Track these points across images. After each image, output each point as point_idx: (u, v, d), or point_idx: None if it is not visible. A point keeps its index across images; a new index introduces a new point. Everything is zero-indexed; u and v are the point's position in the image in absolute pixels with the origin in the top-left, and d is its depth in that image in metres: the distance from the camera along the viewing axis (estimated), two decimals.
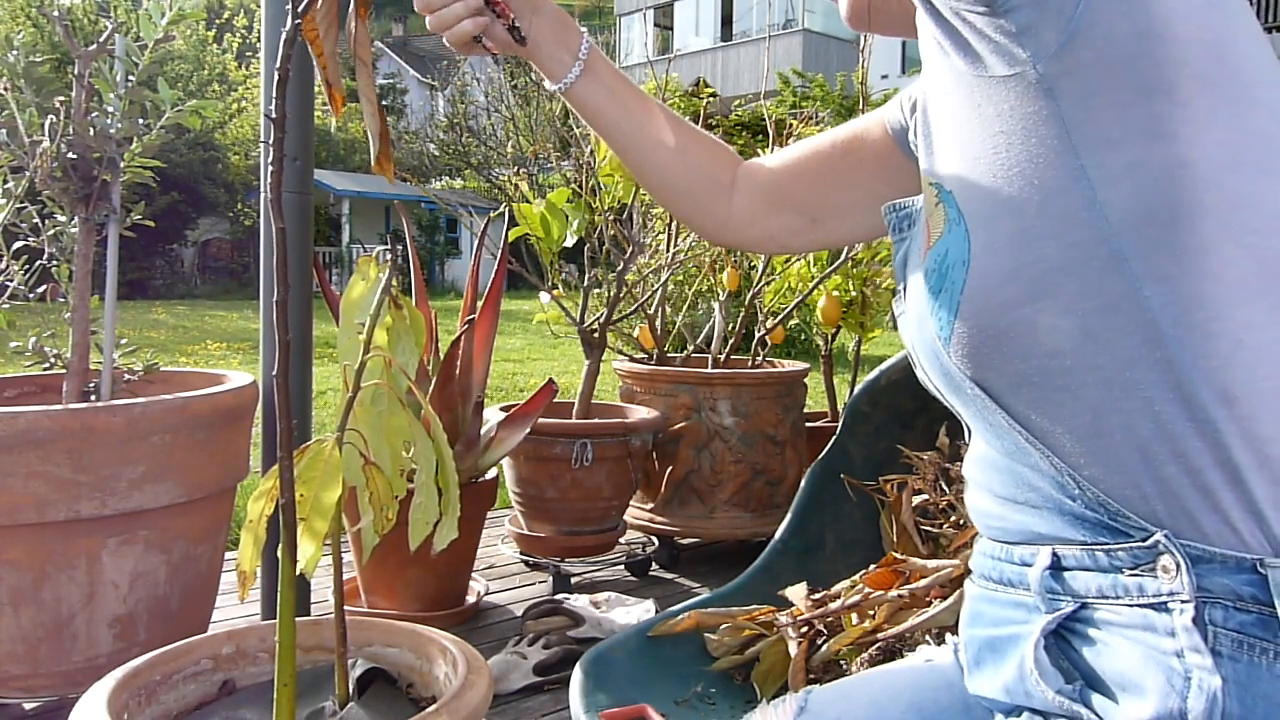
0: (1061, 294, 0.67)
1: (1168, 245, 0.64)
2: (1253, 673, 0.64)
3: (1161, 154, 0.64)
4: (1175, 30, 0.65)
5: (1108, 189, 0.65)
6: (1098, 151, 0.65)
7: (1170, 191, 0.64)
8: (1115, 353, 0.66)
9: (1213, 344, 0.64)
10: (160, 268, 17.64)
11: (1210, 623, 0.65)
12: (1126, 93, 0.65)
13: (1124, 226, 0.65)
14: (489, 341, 2.26)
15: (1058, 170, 0.66)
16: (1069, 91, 0.66)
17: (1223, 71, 0.66)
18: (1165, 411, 0.65)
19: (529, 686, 1.83)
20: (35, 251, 1.77)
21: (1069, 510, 0.70)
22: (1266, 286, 0.65)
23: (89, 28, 13.64)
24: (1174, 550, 0.65)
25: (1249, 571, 0.64)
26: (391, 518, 0.92)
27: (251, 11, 19.03)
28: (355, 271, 0.93)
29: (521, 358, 8.42)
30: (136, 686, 0.97)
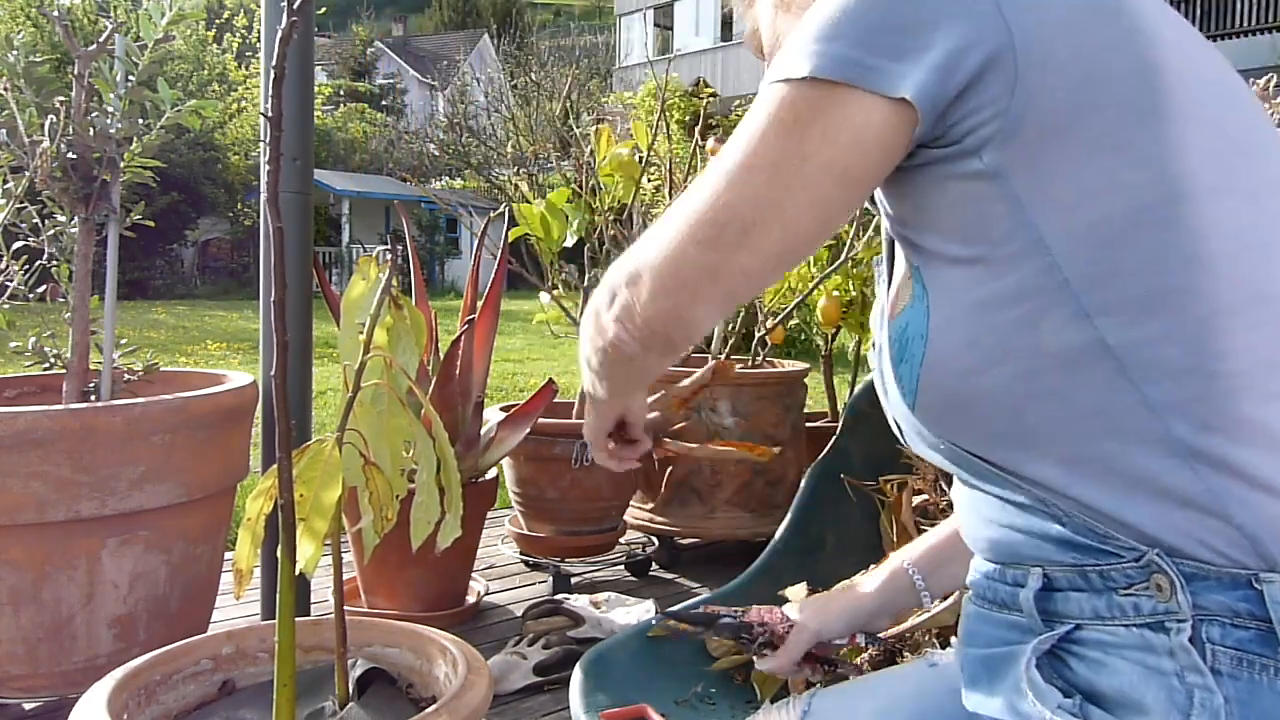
0: (1021, 357, 0.68)
1: (1133, 294, 0.65)
2: (1254, 690, 0.63)
3: (1114, 209, 0.66)
4: (1109, 67, 0.67)
5: (1067, 254, 0.66)
6: (1055, 218, 0.66)
7: (1135, 241, 0.65)
8: (1083, 403, 0.67)
9: (1186, 379, 0.65)
10: (160, 268, 17.63)
11: (1208, 641, 0.64)
12: (1077, 152, 0.66)
13: (1088, 287, 0.66)
14: (489, 341, 2.26)
15: (1014, 245, 0.67)
16: (1019, 170, 0.67)
17: (1159, 99, 0.67)
18: (1143, 448, 0.66)
19: (529, 686, 1.83)
20: (35, 251, 1.77)
21: (1057, 534, 0.70)
22: (1238, 316, 0.66)
23: (89, 28, 13.64)
24: (1167, 569, 0.65)
25: (1244, 587, 0.64)
26: (391, 517, 0.91)
27: (251, 11, 19.02)
28: (355, 271, 0.93)
29: (521, 358, 8.42)
30: (136, 686, 0.97)
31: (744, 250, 0.70)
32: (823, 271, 2.84)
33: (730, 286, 0.72)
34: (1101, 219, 0.66)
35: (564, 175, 3.29)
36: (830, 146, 0.67)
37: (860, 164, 0.68)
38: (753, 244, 0.69)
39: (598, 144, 2.64)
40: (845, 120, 0.67)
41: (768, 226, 0.69)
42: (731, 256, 0.70)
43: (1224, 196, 0.68)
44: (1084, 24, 0.68)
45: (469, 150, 18.86)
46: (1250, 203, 0.69)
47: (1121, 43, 0.68)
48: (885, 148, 0.68)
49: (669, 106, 4.83)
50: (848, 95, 0.66)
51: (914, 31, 0.66)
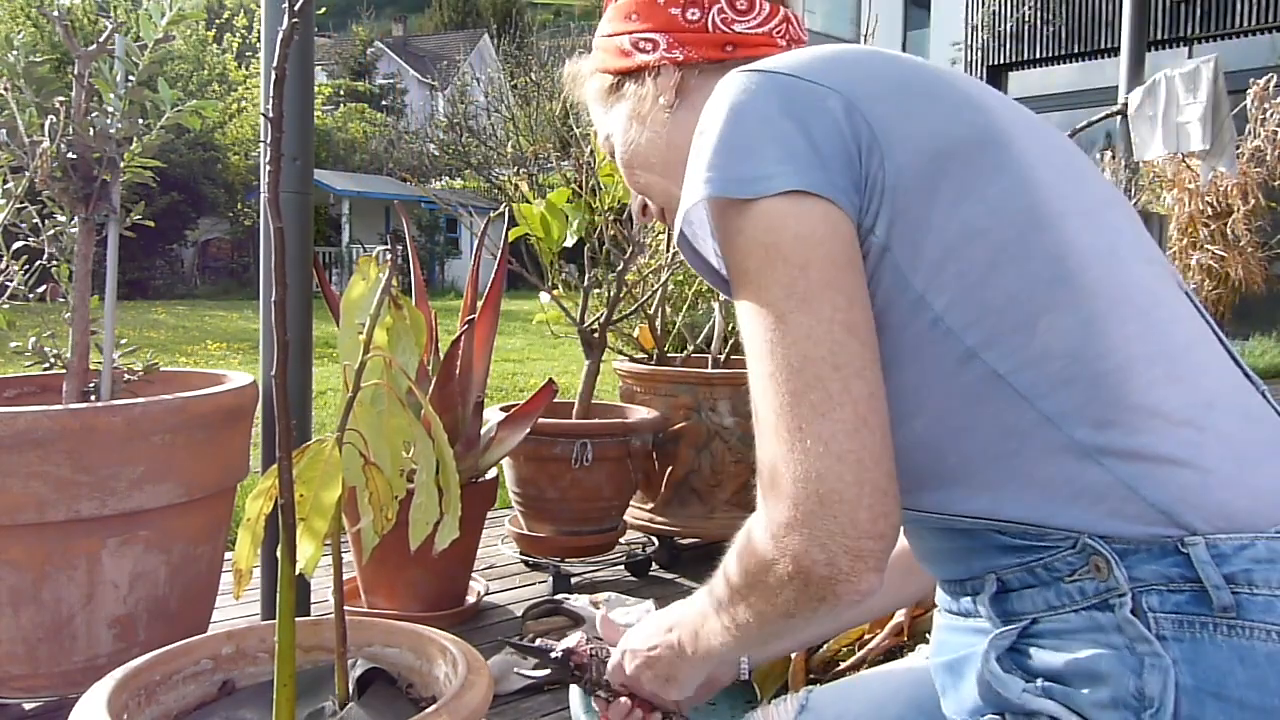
0: (928, 407, 0.74)
1: (1008, 323, 0.73)
2: (1197, 648, 0.67)
3: (978, 254, 0.74)
4: (952, 136, 0.77)
5: (945, 304, 0.73)
6: (930, 277, 0.74)
7: (999, 279, 0.73)
8: (992, 431, 0.73)
9: (1074, 387, 0.72)
10: (160, 268, 17.62)
11: (1149, 609, 0.69)
12: (938, 213, 0.75)
13: (968, 328, 0.73)
14: (489, 341, 2.26)
15: (901, 307, 0.74)
16: (899, 238, 0.74)
17: (999, 153, 0.77)
18: (1053, 457, 0.72)
19: (529, 686, 1.83)
20: (35, 251, 1.77)
21: (999, 543, 0.75)
22: (1106, 319, 0.73)
23: (89, 28, 13.63)
24: (1101, 549, 0.70)
25: (1172, 554, 0.69)
26: (391, 518, 0.91)
27: (251, 11, 19.02)
28: (355, 271, 0.93)
29: (521, 358, 8.42)
30: (136, 686, 0.97)
31: (852, 379, 0.71)
32: None
33: (877, 423, 0.70)
34: (967, 267, 0.74)
35: (564, 175, 3.29)
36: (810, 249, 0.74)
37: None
38: (844, 382, 0.70)
39: (598, 144, 2.63)
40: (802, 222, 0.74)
41: (844, 356, 0.71)
42: (854, 396, 0.70)
43: (1069, 219, 0.76)
44: (920, 108, 0.78)
45: (469, 150, 18.84)
46: (1091, 219, 0.78)
47: (955, 115, 0.78)
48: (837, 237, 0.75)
49: None
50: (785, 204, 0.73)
51: (800, 139, 0.75)
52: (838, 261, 0.72)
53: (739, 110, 0.77)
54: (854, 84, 0.78)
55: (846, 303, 0.72)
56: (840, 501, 0.67)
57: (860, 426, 0.69)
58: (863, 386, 0.70)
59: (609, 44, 1.01)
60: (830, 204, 0.73)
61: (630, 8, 1.00)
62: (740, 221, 0.74)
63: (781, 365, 0.71)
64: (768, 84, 0.78)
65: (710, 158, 0.76)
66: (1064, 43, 12.00)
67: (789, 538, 0.69)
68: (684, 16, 0.96)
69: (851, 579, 0.68)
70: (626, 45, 0.99)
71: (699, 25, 0.96)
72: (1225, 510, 0.70)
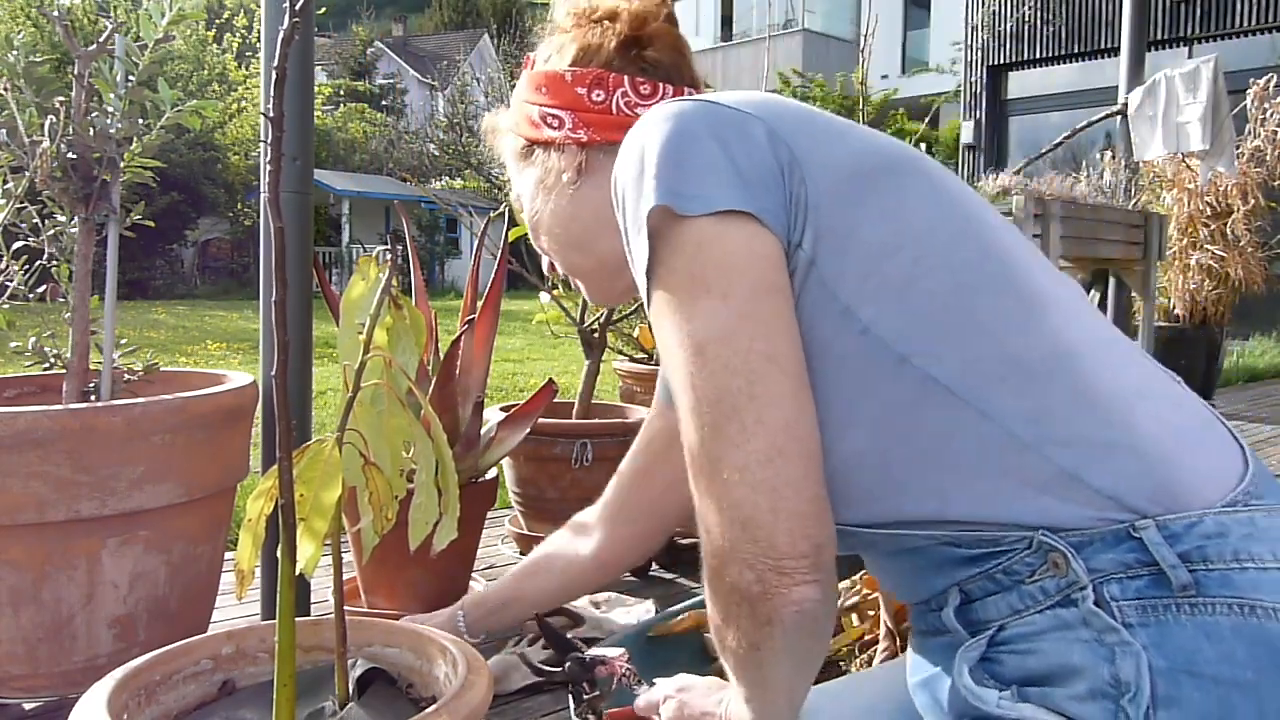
0: (866, 416, 0.76)
1: (936, 327, 0.75)
2: (1163, 631, 0.68)
3: (901, 265, 0.76)
4: (863, 164, 0.81)
5: (873, 315, 0.76)
6: (855, 290, 0.76)
7: (919, 289, 0.76)
8: (933, 433, 0.74)
9: (1008, 383, 0.74)
10: (160, 268, 17.62)
11: (1112, 599, 0.70)
12: (861, 230, 0.77)
13: (897, 335, 0.75)
14: (489, 341, 2.26)
15: (830, 320, 0.76)
16: (824, 253, 0.77)
17: (903, 178, 0.81)
18: (995, 452, 0.73)
19: (529, 686, 1.83)
20: (35, 251, 1.77)
21: (956, 556, 0.76)
22: (1024, 318, 0.76)
23: (89, 28, 13.63)
24: (1056, 544, 0.71)
25: (1126, 539, 0.70)
26: (391, 518, 0.91)
27: (251, 11, 19.01)
28: (355, 271, 0.93)
29: (521, 358, 8.42)
30: (136, 686, 0.97)
31: (768, 408, 0.72)
32: None
33: (794, 451, 0.72)
34: (892, 278, 0.76)
35: None
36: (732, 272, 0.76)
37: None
38: (759, 413, 0.72)
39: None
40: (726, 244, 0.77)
41: (760, 386, 0.74)
42: (768, 425, 0.72)
43: (985, 229, 0.81)
44: (833, 139, 0.83)
45: (469, 150, 18.84)
46: (1002, 231, 0.82)
47: (864, 146, 0.83)
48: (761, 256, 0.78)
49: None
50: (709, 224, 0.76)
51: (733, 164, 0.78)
52: (758, 289, 0.74)
53: (671, 131, 0.79)
54: (772, 115, 0.81)
55: (765, 331, 0.73)
56: (759, 527, 0.70)
57: (775, 456, 0.71)
58: (778, 415, 0.72)
59: (522, 110, 1.04)
60: (756, 222, 0.75)
61: (540, 80, 1.02)
62: (671, 238, 0.76)
63: (701, 398, 0.73)
64: (694, 109, 0.81)
65: (655, 170, 0.77)
66: (1064, 43, 12.00)
67: (725, 566, 0.73)
68: (589, 97, 0.99)
69: (783, 592, 0.70)
70: (535, 117, 1.01)
71: (603, 107, 0.98)
72: (1169, 489, 0.71)
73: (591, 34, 1.01)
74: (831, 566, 0.73)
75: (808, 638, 0.74)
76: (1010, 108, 12.86)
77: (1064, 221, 3.75)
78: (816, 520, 0.72)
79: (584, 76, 0.99)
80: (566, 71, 1.00)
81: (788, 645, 0.73)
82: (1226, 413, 5.25)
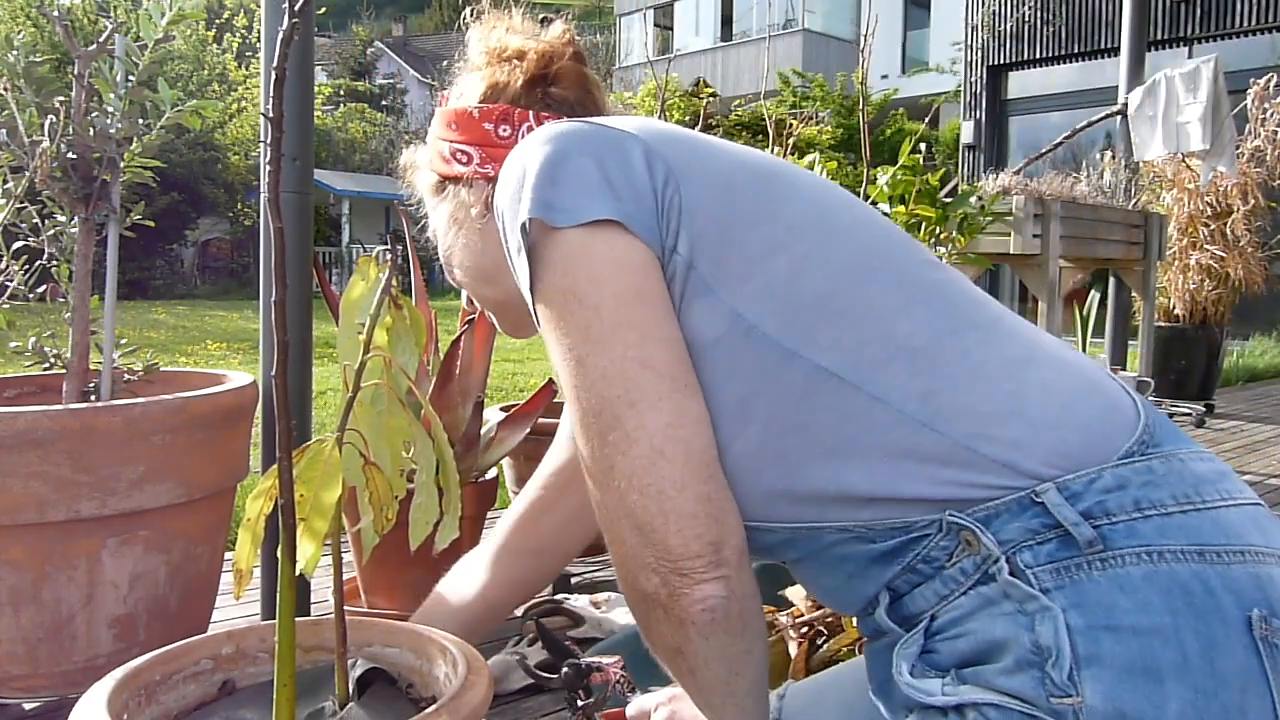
0: (760, 412, 0.77)
1: (821, 320, 0.77)
2: (1078, 590, 0.69)
3: (781, 265, 0.78)
4: (735, 176, 0.83)
5: (758, 313, 0.77)
6: (737, 290, 0.77)
7: (802, 285, 0.78)
8: (827, 421, 0.76)
9: (893, 366, 0.76)
10: (160, 268, 17.62)
11: (1025, 566, 0.71)
12: (739, 233, 0.79)
13: (783, 330, 0.76)
14: (489, 341, 2.26)
15: (715, 321, 0.78)
16: (702, 257, 0.78)
17: (774, 185, 0.84)
18: (889, 431, 0.75)
19: (529, 686, 1.83)
20: (35, 251, 1.77)
21: (875, 553, 0.77)
22: (902, 305, 0.79)
23: (89, 28, 13.63)
24: (964, 522, 0.72)
25: (1029, 506, 0.71)
26: (391, 518, 0.91)
27: (251, 11, 19.01)
28: (355, 271, 0.93)
29: (521, 358, 8.42)
30: (136, 686, 0.97)
31: (647, 414, 0.75)
32: None
33: (676, 454, 0.74)
34: (774, 277, 0.78)
35: None
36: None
37: None
38: (639, 418, 0.74)
39: None
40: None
41: (637, 392, 0.75)
42: (648, 431, 0.74)
43: (860, 227, 0.84)
44: (710, 154, 0.85)
45: None
46: (877, 228, 0.86)
47: (740, 159, 0.86)
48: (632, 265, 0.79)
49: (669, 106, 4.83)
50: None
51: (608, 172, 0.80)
52: (627, 297, 0.76)
53: (548, 151, 0.81)
54: (650, 134, 0.84)
55: (639, 338, 0.75)
56: (652, 530, 0.72)
57: (657, 459, 0.73)
58: (657, 418, 0.73)
59: (435, 146, 1.06)
60: (625, 231, 0.77)
61: (451, 117, 1.04)
62: (544, 253, 0.78)
63: (586, 409, 0.75)
64: (572, 130, 0.83)
65: (530, 187, 0.80)
66: (1064, 43, 12.00)
67: (633, 575, 0.75)
68: (496, 133, 1.01)
69: (686, 592, 0.72)
70: (446, 153, 1.03)
71: (509, 142, 1.00)
72: (1064, 451, 0.72)
73: (500, 72, 1.04)
74: (738, 562, 0.74)
75: (726, 635, 0.74)
76: (1010, 108, 12.86)
77: (1064, 221, 3.75)
78: (708, 519, 0.73)
79: (490, 113, 1.01)
80: (474, 108, 1.02)
81: (709, 646, 0.75)
82: (1226, 413, 5.26)
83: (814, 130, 13.69)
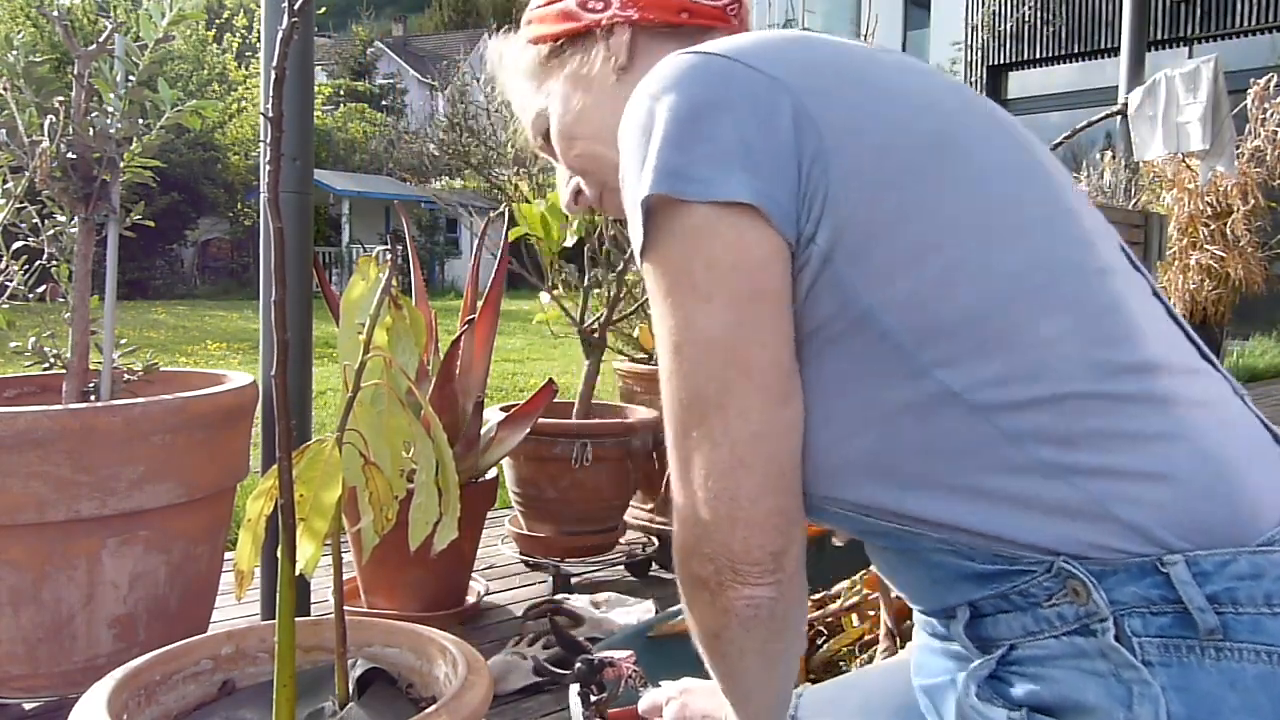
0: (875, 425, 0.71)
1: (965, 341, 0.69)
2: (1185, 673, 0.64)
3: (932, 270, 0.70)
4: (901, 140, 0.72)
5: (895, 320, 0.70)
6: (877, 292, 0.70)
7: (951, 297, 0.70)
8: (948, 447, 0.70)
9: (1033, 408, 0.68)
10: (160, 268, 17.61)
11: (1133, 634, 0.65)
12: (889, 226, 0.70)
13: (920, 344, 0.69)
14: (489, 341, 2.26)
15: (846, 319, 0.71)
16: (844, 249, 0.70)
17: (954, 157, 0.73)
18: (1016, 475, 0.68)
19: (529, 686, 1.83)
20: (35, 251, 1.77)
21: (970, 571, 0.72)
22: (1078, 337, 0.69)
23: (89, 28, 13.63)
24: (1077, 572, 0.67)
25: (1152, 574, 0.66)
26: (391, 518, 0.91)
27: (251, 11, 19.01)
28: (355, 271, 0.93)
29: (521, 358, 8.42)
30: (136, 687, 0.97)
31: (734, 420, 0.70)
32: None
33: (759, 463, 0.70)
34: (920, 283, 0.70)
35: None
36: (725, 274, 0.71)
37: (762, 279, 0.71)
38: (726, 424, 0.70)
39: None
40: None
41: (730, 396, 0.70)
42: (733, 437, 0.70)
43: (1031, 232, 0.73)
44: (873, 109, 0.73)
45: (469, 150, 18.82)
46: (1055, 231, 0.74)
47: (909, 120, 0.73)
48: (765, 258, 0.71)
49: None
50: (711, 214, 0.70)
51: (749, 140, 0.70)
52: (742, 295, 0.69)
53: (685, 99, 0.72)
54: (806, 78, 0.73)
55: (744, 341, 0.70)
56: (717, 530, 0.70)
57: (737, 467, 0.69)
58: (745, 426, 0.70)
59: (549, 10, 0.95)
60: (759, 217, 0.69)
61: None
62: (665, 221, 0.71)
63: (676, 397, 0.72)
64: (715, 71, 0.73)
65: (660, 143, 0.71)
66: (1064, 43, 12.01)
67: (688, 557, 0.74)
68: None
69: (736, 587, 0.71)
70: (573, 6, 0.93)
71: None
72: (1203, 524, 0.66)
73: None
74: (794, 569, 0.72)
75: (767, 632, 0.73)
76: (1010, 108, 12.83)
77: None
78: (775, 531, 0.70)
79: None
80: None
81: (748, 638, 0.73)
82: None
83: None
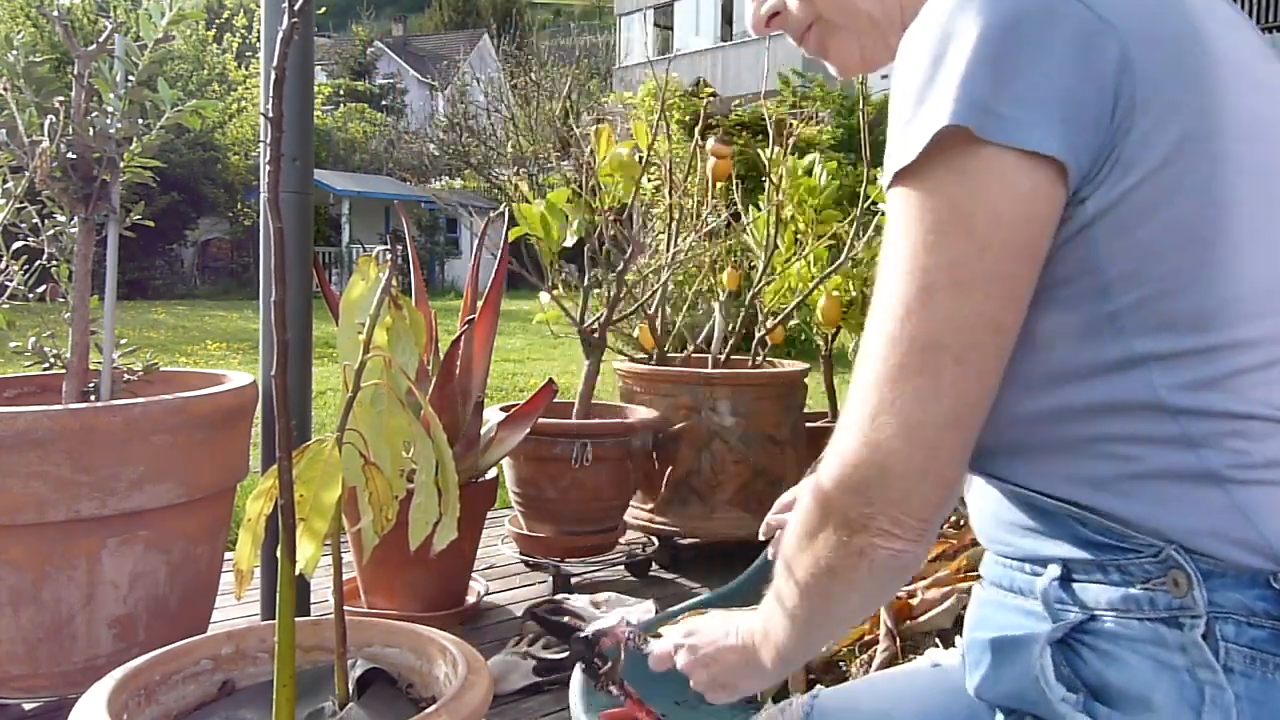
0: (1065, 392, 0.68)
1: (1182, 340, 0.65)
2: (1266, 689, 0.63)
3: (1178, 265, 0.65)
4: (1203, 121, 0.65)
5: (1131, 300, 0.66)
6: (1127, 266, 0.66)
7: (1191, 292, 0.65)
8: (1123, 436, 0.67)
9: (1231, 434, 0.65)
10: (160, 268, 17.61)
11: (1222, 638, 0.64)
12: (1159, 205, 0.65)
13: (1144, 334, 0.66)
14: (489, 341, 2.26)
15: (1081, 286, 0.67)
16: (1111, 219, 0.65)
17: (1219, 120, 0.66)
18: (1182, 478, 0.65)
19: (529, 686, 1.83)
20: (35, 251, 1.77)
21: (1079, 535, 0.70)
22: (1257, 351, 0.66)
23: (89, 28, 13.63)
24: (1185, 565, 0.65)
25: (1262, 586, 0.64)
26: (391, 518, 0.91)
27: (251, 11, 19.01)
28: (355, 271, 0.93)
29: (521, 358, 8.42)
30: (136, 687, 0.97)
31: (970, 378, 0.66)
32: (823, 272, 2.84)
33: (972, 424, 0.67)
34: (1170, 271, 0.65)
35: (564, 175, 3.29)
36: None
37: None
38: (958, 381, 0.66)
39: (598, 144, 2.64)
40: None
41: (973, 354, 0.66)
42: (960, 394, 0.66)
43: (1267, 223, 0.67)
44: (1194, 88, 0.66)
45: (469, 150, 18.83)
46: None
47: (1222, 96, 0.67)
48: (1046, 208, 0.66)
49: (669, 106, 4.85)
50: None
51: None
52: (1018, 251, 0.65)
53: (997, 21, 0.65)
54: (1133, 30, 0.65)
55: (1005, 299, 0.66)
56: (901, 478, 0.66)
57: (953, 424, 0.66)
58: (975, 387, 0.66)
59: None
60: (1060, 173, 0.64)
61: None
62: (953, 155, 0.65)
63: (907, 335, 0.67)
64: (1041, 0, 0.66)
65: (966, 64, 0.64)
66: None
67: (841, 493, 0.69)
68: None
69: (890, 536, 0.67)
70: None
71: None
72: None
73: None
74: (935, 531, 0.70)
75: (887, 580, 0.72)
76: None
77: None
78: (950, 494, 0.68)
79: None
80: None
81: (869, 581, 0.71)
82: None
83: (814, 130, 13.69)
